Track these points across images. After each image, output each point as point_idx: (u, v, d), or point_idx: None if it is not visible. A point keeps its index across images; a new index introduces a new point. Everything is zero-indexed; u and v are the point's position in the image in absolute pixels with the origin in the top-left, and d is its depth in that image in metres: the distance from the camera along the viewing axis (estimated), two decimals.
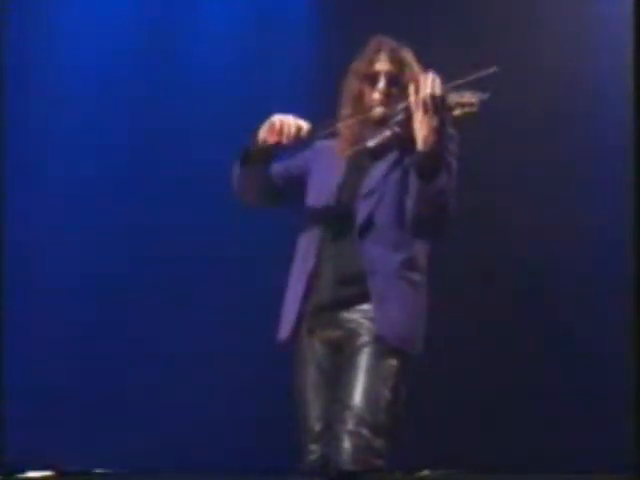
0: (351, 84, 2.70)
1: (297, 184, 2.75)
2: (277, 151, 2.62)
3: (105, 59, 4.75)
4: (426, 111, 2.32)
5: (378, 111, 2.62)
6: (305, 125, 2.55)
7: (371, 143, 2.51)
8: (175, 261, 4.55)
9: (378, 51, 2.66)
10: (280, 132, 2.53)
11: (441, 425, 4.30)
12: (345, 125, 2.66)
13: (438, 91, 2.31)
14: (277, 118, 2.55)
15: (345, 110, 2.70)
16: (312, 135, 2.56)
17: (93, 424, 4.44)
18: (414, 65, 2.64)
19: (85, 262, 4.60)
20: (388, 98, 2.62)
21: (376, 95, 2.64)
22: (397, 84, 2.61)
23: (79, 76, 4.73)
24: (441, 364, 4.19)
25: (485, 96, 2.30)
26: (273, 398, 3.65)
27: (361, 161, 2.62)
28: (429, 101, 2.32)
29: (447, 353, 4.22)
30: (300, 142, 2.56)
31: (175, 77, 4.78)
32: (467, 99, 2.31)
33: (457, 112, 2.32)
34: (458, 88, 2.35)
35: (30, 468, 4.44)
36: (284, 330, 2.65)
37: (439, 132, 2.32)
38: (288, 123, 2.54)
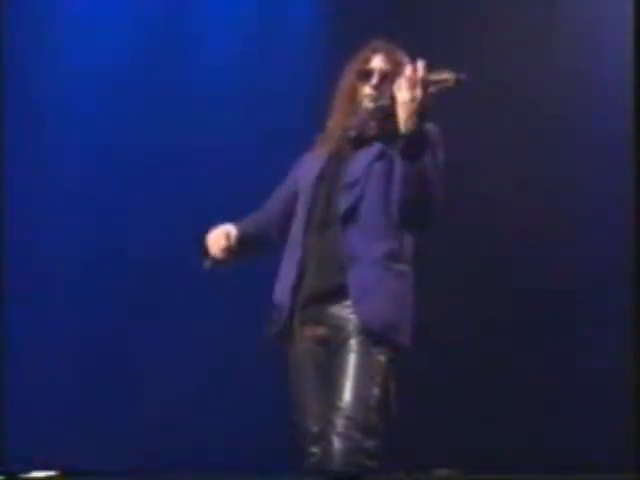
0: (345, 81, 2.73)
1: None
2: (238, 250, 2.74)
3: (105, 57, 4.75)
4: (408, 90, 2.30)
5: (368, 105, 2.64)
6: (232, 230, 2.72)
7: (353, 132, 2.57)
8: (175, 260, 4.54)
9: (374, 51, 2.72)
10: (215, 246, 2.72)
11: (441, 424, 4.30)
12: (332, 120, 2.70)
13: (420, 71, 2.31)
14: (209, 237, 2.74)
15: (336, 105, 2.73)
16: (240, 237, 2.73)
17: (93, 424, 4.45)
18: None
19: (85, 262, 4.60)
20: (380, 93, 2.63)
21: (368, 90, 2.67)
22: (390, 82, 2.61)
23: (79, 75, 4.73)
24: (441, 364, 4.20)
25: (462, 75, 2.31)
26: (273, 398, 3.65)
27: (342, 152, 2.65)
28: (410, 81, 2.30)
29: (446, 352, 4.22)
30: (235, 246, 2.72)
31: (175, 79, 4.79)
32: (443, 76, 2.33)
33: (432, 89, 2.33)
34: (437, 69, 2.37)
35: (32, 468, 4.44)
36: (276, 325, 2.65)
37: (421, 113, 2.31)
38: (216, 236, 2.72)
